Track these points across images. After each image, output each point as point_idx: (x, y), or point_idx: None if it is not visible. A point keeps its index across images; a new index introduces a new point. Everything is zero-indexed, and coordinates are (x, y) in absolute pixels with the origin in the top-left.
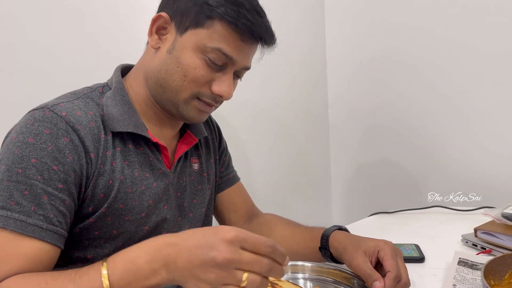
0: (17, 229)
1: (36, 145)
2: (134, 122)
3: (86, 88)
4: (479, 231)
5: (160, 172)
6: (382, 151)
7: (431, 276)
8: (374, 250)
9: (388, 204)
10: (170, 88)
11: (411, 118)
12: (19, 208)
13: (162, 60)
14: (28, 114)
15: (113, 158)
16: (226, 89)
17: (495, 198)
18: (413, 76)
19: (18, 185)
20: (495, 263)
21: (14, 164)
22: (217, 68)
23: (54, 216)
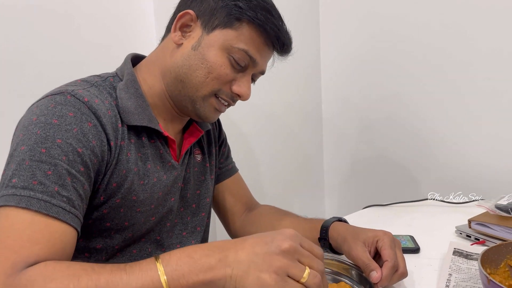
0: (42, 209)
1: (61, 126)
2: (148, 116)
3: (95, 76)
4: (473, 222)
5: (170, 165)
6: (376, 146)
7: (427, 266)
8: (373, 240)
9: (381, 198)
10: (191, 84)
11: (406, 113)
12: (42, 188)
13: (186, 56)
14: (46, 98)
15: (128, 149)
16: (246, 90)
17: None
18: (409, 71)
19: (42, 164)
20: (490, 252)
21: (37, 143)
22: (239, 69)
23: (75, 199)
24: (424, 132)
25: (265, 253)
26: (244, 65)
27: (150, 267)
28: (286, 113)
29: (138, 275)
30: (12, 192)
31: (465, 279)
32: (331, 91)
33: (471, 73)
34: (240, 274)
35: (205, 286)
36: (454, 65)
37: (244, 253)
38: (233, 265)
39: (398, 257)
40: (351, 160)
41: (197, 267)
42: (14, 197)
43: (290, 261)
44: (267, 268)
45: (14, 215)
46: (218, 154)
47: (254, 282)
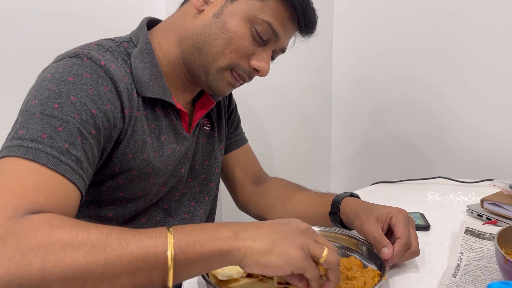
0: (49, 164)
1: (77, 84)
2: (162, 87)
3: (109, 40)
4: (486, 202)
5: (182, 136)
6: (386, 124)
7: (437, 244)
8: (387, 217)
9: (391, 176)
10: (208, 53)
11: (418, 92)
12: (52, 142)
13: (206, 23)
14: (63, 60)
15: (142, 120)
16: (265, 65)
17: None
18: (423, 50)
19: (53, 119)
20: (507, 232)
21: (49, 98)
22: (260, 43)
23: (84, 161)
24: (437, 111)
25: (287, 231)
26: (266, 38)
27: (161, 233)
28: (296, 89)
29: (150, 235)
30: (18, 143)
31: (477, 258)
32: (342, 68)
33: (487, 52)
34: (265, 247)
35: (220, 256)
36: (470, 45)
37: (265, 230)
38: (255, 238)
39: (411, 235)
40: (360, 138)
41: (214, 235)
42: (20, 148)
43: (310, 239)
44: (292, 243)
45: (19, 163)
46: (227, 124)
47: (281, 255)
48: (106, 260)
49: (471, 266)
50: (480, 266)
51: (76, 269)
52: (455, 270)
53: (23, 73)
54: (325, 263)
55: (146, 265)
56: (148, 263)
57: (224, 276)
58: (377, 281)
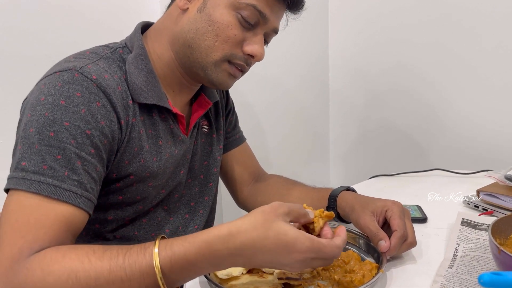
0: (52, 194)
1: (68, 107)
2: (157, 93)
3: (104, 47)
4: (482, 193)
5: (180, 139)
6: (384, 117)
7: (434, 236)
8: (382, 210)
9: (389, 169)
10: (200, 49)
11: (414, 83)
12: (52, 172)
13: (192, 20)
14: (54, 75)
15: (139, 126)
16: (258, 48)
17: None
18: (418, 40)
19: (51, 149)
20: (501, 223)
21: (45, 127)
22: (249, 28)
23: (87, 182)
24: (434, 104)
25: (283, 265)
26: (254, 22)
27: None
28: (292, 83)
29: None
30: (23, 176)
31: (473, 249)
32: (339, 62)
33: (481, 40)
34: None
35: (214, 261)
36: (463, 34)
37: (259, 261)
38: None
39: (407, 227)
40: (358, 130)
41: (207, 246)
42: (25, 181)
43: (309, 262)
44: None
45: (24, 199)
46: (225, 123)
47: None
48: None
49: (467, 257)
50: (476, 257)
51: None
52: (451, 261)
53: (17, 74)
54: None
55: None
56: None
57: (224, 275)
58: (375, 274)
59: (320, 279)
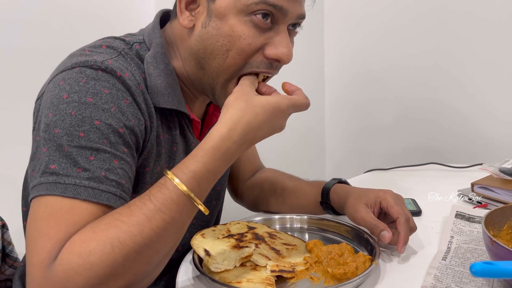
0: (90, 197)
1: (98, 105)
2: (178, 96)
3: (120, 41)
4: (476, 186)
5: (193, 145)
6: (378, 111)
7: (429, 228)
8: (376, 201)
9: (384, 163)
10: (210, 69)
11: (410, 79)
12: (87, 174)
13: (198, 37)
14: (73, 71)
15: (158, 130)
16: (284, 50)
17: None
18: (414, 37)
19: (82, 150)
20: (494, 215)
21: (73, 127)
22: (268, 28)
23: (125, 183)
24: (429, 98)
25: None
26: (271, 20)
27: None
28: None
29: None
30: (54, 180)
31: (466, 241)
32: (335, 58)
33: (476, 38)
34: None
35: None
36: (458, 32)
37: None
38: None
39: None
40: (354, 126)
41: (213, 146)
42: (57, 185)
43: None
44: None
45: (56, 202)
46: None
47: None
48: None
49: (461, 249)
50: (470, 249)
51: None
52: (445, 253)
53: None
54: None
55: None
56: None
57: (216, 268)
58: (368, 266)
59: (313, 271)
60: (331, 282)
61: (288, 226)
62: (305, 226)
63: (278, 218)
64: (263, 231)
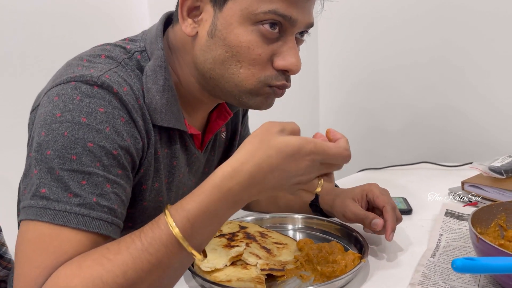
0: (80, 225)
1: (91, 125)
2: (175, 114)
3: (121, 49)
4: (466, 184)
5: (195, 156)
6: (371, 111)
7: (419, 227)
8: (362, 195)
9: (375, 162)
10: (224, 79)
11: (402, 79)
12: (78, 200)
13: (205, 47)
14: (68, 85)
15: (157, 146)
16: (293, 61)
17: None
18: (408, 35)
19: (74, 174)
20: (481, 212)
21: (65, 149)
22: (275, 38)
23: (118, 207)
24: (420, 98)
25: (292, 156)
26: (279, 30)
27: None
28: None
29: (161, 250)
30: (44, 205)
31: (455, 239)
32: (329, 56)
33: (471, 40)
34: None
35: (229, 205)
36: (455, 32)
37: (258, 192)
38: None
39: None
40: (347, 126)
41: (220, 194)
42: (47, 211)
43: (313, 164)
44: (296, 172)
45: (45, 229)
46: (242, 122)
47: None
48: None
49: (450, 247)
50: (458, 246)
51: None
52: (434, 251)
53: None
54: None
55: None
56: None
57: (207, 267)
58: (357, 264)
59: (304, 269)
60: (320, 280)
61: (280, 225)
62: (297, 225)
63: (270, 217)
64: (254, 230)
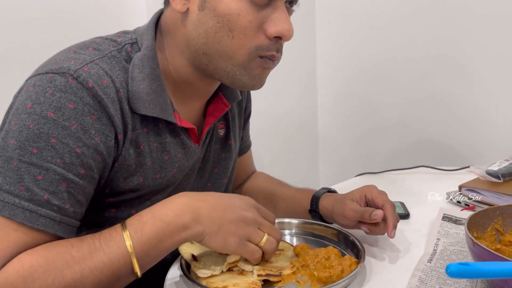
0: (26, 221)
1: (58, 121)
2: (161, 103)
3: (111, 42)
4: (464, 188)
5: (191, 150)
6: (370, 116)
7: (416, 231)
8: (361, 196)
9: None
10: (218, 53)
11: (400, 83)
12: (29, 195)
13: (196, 22)
14: (45, 76)
15: (140, 140)
16: (283, 25)
17: None
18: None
19: (31, 167)
20: (478, 217)
21: (28, 141)
22: (265, 4)
23: (70, 206)
24: (419, 102)
25: (233, 219)
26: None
27: (121, 247)
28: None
29: (116, 253)
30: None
31: (452, 243)
32: (327, 60)
33: (471, 40)
34: (210, 233)
35: (179, 243)
36: (454, 32)
37: (215, 215)
38: (205, 223)
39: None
40: (346, 131)
41: (172, 230)
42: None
43: (252, 229)
44: (233, 233)
45: None
46: (243, 128)
47: (220, 242)
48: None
49: (447, 251)
50: (455, 251)
51: None
52: (431, 255)
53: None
54: (263, 248)
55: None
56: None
57: (204, 273)
58: (354, 269)
59: (300, 275)
60: (317, 285)
61: None
62: (294, 230)
63: None
64: None
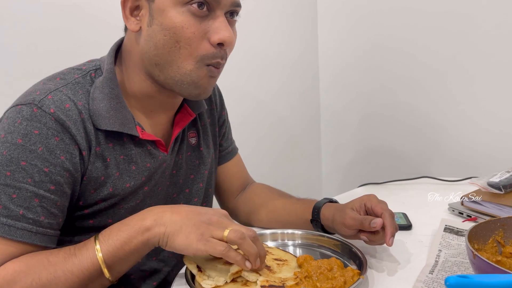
0: (5, 234)
1: (25, 146)
2: (121, 119)
3: (77, 70)
4: (466, 199)
5: (160, 158)
6: (372, 128)
7: (418, 242)
8: (360, 204)
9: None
10: (167, 63)
11: (404, 95)
12: (6, 212)
13: (147, 37)
14: (16, 109)
15: (105, 154)
16: (224, 32)
17: None
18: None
19: (6, 188)
20: (479, 228)
21: (2, 166)
22: (205, 16)
23: (45, 218)
24: (422, 113)
25: (197, 220)
26: (207, 8)
27: (90, 250)
28: (283, 95)
29: (85, 256)
30: None
31: (454, 255)
32: (329, 74)
33: (475, 46)
34: (172, 232)
35: (144, 245)
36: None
37: (178, 216)
38: (167, 224)
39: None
40: (349, 142)
41: (135, 231)
42: None
43: (214, 227)
44: (196, 230)
45: None
46: (219, 135)
47: (183, 240)
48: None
49: (448, 263)
50: (457, 262)
51: None
52: (432, 267)
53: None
54: (228, 240)
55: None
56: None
57: (208, 284)
58: (356, 280)
59: (303, 286)
60: None
61: (280, 241)
62: (297, 241)
63: (270, 233)
64: None
